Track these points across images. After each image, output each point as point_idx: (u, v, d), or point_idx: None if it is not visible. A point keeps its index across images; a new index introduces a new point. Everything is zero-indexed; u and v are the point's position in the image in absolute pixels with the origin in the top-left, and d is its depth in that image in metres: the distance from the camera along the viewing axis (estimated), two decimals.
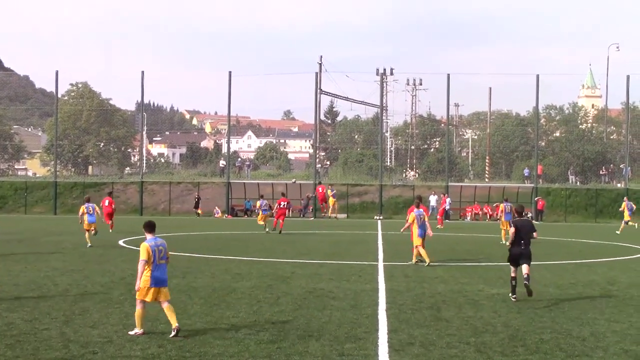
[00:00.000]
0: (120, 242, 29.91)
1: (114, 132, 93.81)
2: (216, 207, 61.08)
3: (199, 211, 60.36)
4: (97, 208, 29.51)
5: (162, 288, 11.90)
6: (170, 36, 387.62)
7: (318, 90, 65.71)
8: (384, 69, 79.33)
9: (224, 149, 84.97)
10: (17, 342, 10.98)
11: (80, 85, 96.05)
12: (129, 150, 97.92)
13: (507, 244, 16.47)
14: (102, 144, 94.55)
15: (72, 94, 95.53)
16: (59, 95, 73.66)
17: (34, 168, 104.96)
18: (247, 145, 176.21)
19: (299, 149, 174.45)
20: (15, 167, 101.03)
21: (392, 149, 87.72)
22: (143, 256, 11.79)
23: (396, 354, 10.58)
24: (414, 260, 22.79)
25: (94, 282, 17.66)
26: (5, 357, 10.04)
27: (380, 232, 39.06)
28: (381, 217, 57.57)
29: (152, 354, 10.34)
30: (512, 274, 15.90)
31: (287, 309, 14.16)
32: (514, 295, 15.71)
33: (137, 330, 11.73)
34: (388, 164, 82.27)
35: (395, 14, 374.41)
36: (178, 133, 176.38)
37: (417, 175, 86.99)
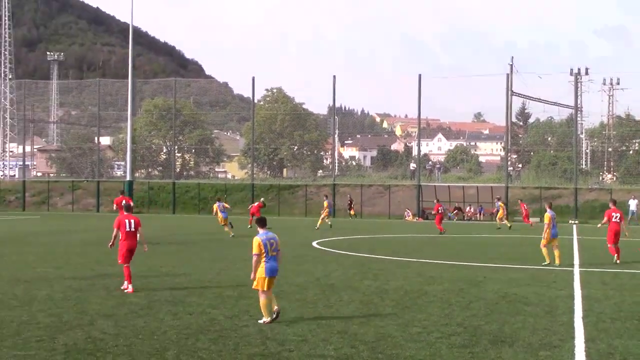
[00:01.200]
0: (314, 244, 30.66)
1: (307, 135, 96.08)
2: (407, 210, 61.20)
3: (352, 212, 61.21)
4: (226, 205, 35.88)
5: (273, 277, 12.81)
6: (360, 40, 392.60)
7: (509, 92, 64.32)
8: (578, 69, 76.63)
9: (415, 152, 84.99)
10: (220, 337, 11.56)
11: (275, 91, 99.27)
12: (321, 153, 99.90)
13: None
14: (295, 147, 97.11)
15: (268, 99, 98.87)
16: (255, 101, 76.55)
17: (232, 171, 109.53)
18: (437, 148, 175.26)
19: (489, 151, 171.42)
20: (216, 169, 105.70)
21: (587, 151, 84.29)
22: (255, 250, 12.65)
23: None
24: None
25: (290, 282, 18.21)
26: (209, 351, 10.60)
27: (575, 237, 37.69)
28: (576, 222, 55.53)
29: (345, 353, 10.56)
30: None
31: (479, 314, 14.01)
32: None
33: (265, 319, 12.58)
34: (583, 166, 79.23)
35: (588, 16, 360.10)
36: (369, 136, 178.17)
37: (614, 178, 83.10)
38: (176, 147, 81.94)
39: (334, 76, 65.02)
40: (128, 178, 66.87)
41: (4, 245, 28.15)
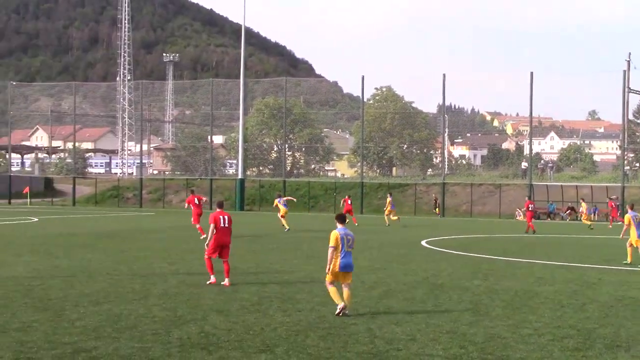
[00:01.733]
0: (423, 243, 30.52)
1: (416, 134, 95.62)
2: (518, 210, 60.10)
3: (437, 211, 60.80)
4: (286, 199, 40.23)
5: (348, 272, 13.31)
6: (470, 37, 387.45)
7: (626, 89, 62.23)
8: None
9: (526, 151, 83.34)
10: (329, 334, 11.67)
11: (384, 89, 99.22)
12: (431, 152, 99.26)
13: None
14: (405, 146, 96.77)
15: (377, 97, 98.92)
16: (365, 99, 76.69)
17: (342, 169, 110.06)
18: (549, 146, 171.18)
19: (604, 150, 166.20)
20: (325, 168, 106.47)
21: None
22: (332, 243, 13.21)
23: None
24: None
25: (398, 281, 18.20)
26: (317, 348, 10.72)
27: None
28: None
29: (454, 354, 10.49)
30: None
31: (593, 316, 13.65)
32: None
33: (339, 305, 13.04)
34: None
35: None
36: (479, 135, 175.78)
37: None
38: (287, 145, 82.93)
39: (444, 74, 64.52)
40: (240, 176, 68.19)
41: (124, 241, 29.18)
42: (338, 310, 13.06)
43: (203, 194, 71.00)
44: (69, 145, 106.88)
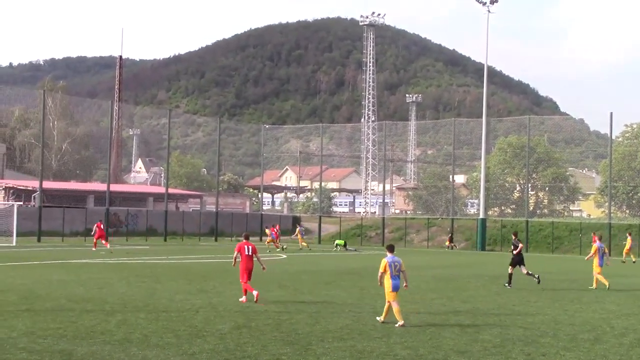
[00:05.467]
0: None
1: None
2: None
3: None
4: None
5: (397, 293, 16.50)
6: None
7: None
8: None
9: None
10: None
11: (634, 126, 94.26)
12: None
13: None
14: None
15: (627, 134, 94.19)
16: (613, 137, 73.37)
17: (588, 209, 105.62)
18: None
19: None
20: (570, 208, 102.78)
21: None
22: (381, 269, 16.63)
23: None
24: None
25: None
26: None
27: None
28: None
29: None
30: None
31: None
32: None
33: (400, 322, 16.20)
34: None
35: None
36: None
37: None
38: (529, 185, 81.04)
39: None
40: (481, 216, 67.50)
41: (364, 279, 29.75)
42: (400, 324, 16.22)
43: (444, 233, 71.12)
44: (316, 185, 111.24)
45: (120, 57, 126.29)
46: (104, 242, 47.36)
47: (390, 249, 17.07)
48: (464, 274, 29.26)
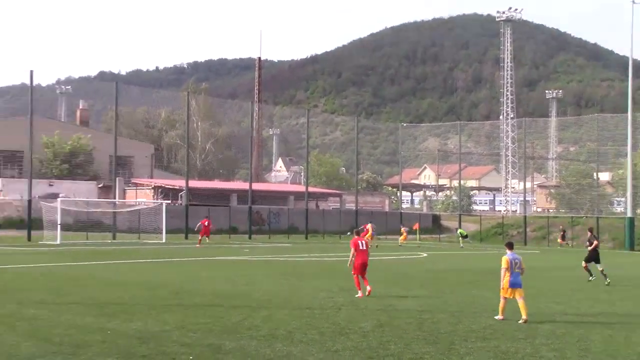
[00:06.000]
0: None
1: None
2: None
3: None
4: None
5: (517, 289, 16.87)
6: None
7: None
8: None
9: None
10: None
11: None
12: None
13: None
14: None
15: None
16: None
17: None
18: None
19: None
20: None
21: None
22: (503, 265, 16.90)
23: None
24: None
25: None
26: None
27: None
28: None
29: None
30: None
31: None
32: None
33: (499, 316, 17.03)
34: None
35: None
36: None
37: None
38: None
39: None
40: (629, 214, 64.98)
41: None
42: (500, 318, 16.99)
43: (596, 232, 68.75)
44: (455, 183, 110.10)
45: (259, 58, 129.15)
46: (207, 239, 51.68)
47: (510, 246, 17.58)
48: (612, 275, 28.25)
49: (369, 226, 52.20)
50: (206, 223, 51.91)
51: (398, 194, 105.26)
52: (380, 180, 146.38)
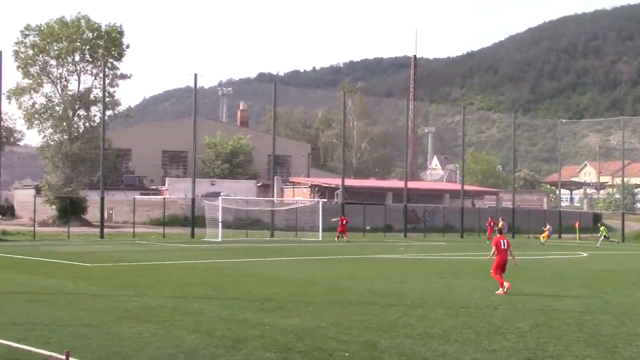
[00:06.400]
0: None
1: None
2: None
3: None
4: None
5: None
6: None
7: None
8: None
9: None
10: None
11: None
12: None
13: None
14: None
15: None
16: None
17: None
18: None
19: None
20: None
21: None
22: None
23: None
24: None
25: None
26: None
27: None
28: None
29: None
30: None
31: None
32: None
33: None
34: None
35: None
36: None
37: None
38: None
39: None
40: None
41: None
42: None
43: None
44: (617, 180, 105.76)
45: (415, 56, 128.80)
46: (344, 236, 53.57)
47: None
48: None
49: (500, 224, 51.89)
50: (344, 222, 54.18)
51: (557, 191, 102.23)
52: (538, 178, 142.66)
